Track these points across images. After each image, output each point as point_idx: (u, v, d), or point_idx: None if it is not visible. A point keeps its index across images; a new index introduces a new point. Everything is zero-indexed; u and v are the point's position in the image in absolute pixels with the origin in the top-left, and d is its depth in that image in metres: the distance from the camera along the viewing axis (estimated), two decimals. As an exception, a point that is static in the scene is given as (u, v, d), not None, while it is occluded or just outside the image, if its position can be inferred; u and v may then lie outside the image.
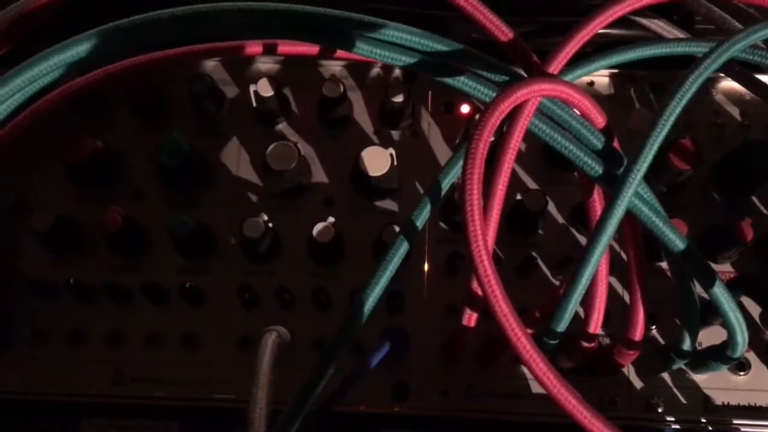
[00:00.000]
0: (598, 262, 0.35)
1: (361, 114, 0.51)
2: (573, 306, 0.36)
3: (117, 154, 0.49)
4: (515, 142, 0.35)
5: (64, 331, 0.45)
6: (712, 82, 0.51)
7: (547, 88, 0.34)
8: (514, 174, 0.41)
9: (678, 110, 0.34)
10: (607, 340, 0.45)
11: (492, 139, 0.34)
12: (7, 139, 0.41)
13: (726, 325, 0.38)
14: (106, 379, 0.44)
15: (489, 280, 0.32)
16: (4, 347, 0.45)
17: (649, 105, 0.50)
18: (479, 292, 0.38)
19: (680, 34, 0.45)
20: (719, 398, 0.44)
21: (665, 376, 0.45)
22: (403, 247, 0.38)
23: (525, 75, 0.39)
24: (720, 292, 0.36)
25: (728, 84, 0.50)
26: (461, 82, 0.38)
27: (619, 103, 0.50)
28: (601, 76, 0.50)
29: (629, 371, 0.45)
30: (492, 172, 0.36)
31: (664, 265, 0.46)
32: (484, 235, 0.32)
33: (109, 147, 0.48)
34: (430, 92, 0.51)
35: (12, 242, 0.47)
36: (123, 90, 0.49)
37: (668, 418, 0.44)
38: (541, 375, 0.31)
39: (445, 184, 0.40)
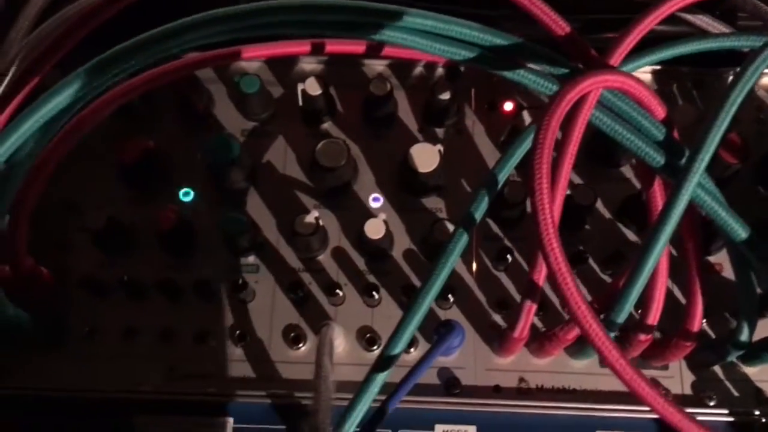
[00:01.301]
0: (661, 251, 0.35)
1: (405, 113, 0.51)
2: (635, 296, 0.36)
3: (166, 154, 0.49)
4: (578, 133, 0.35)
5: (117, 328, 0.45)
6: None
7: (611, 78, 0.34)
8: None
9: (740, 99, 0.35)
10: (658, 335, 0.45)
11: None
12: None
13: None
14: (160, 375, 0.44)
15: (560, 267, 0.32)
16: (60, 345, 0.45)
17: (691, 101, 0.50)
18: (539, 282, 0.38)
19: (726, 29, 0.46)
20: (772, 391, 0.44)
21: (716, 369, 0.45)
22: (463, 240, 0.39)
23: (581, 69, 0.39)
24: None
25: (770, 80, 0.51)
26: (522, 75, 0.38)
27: (663, 99, 0.50)
28: (644, 73, 0.51)
29: (680, 365, 0.45)
30: (555, 163, 0.36)
31: (711, 258, 0.47)
32: (554, 223, 0.32)
33: (159, 147, 0.48)
34: (473, 90, 0.51)
35: (63, 241, 0.47)
36: (171, 90, 0.49)
37: (721, 411, 0.44)
38: (613, 361, 0.31)
39: (501, 178, 0.41)
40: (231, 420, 0.44)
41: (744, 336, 0.40)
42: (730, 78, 0.39)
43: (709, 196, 0.35)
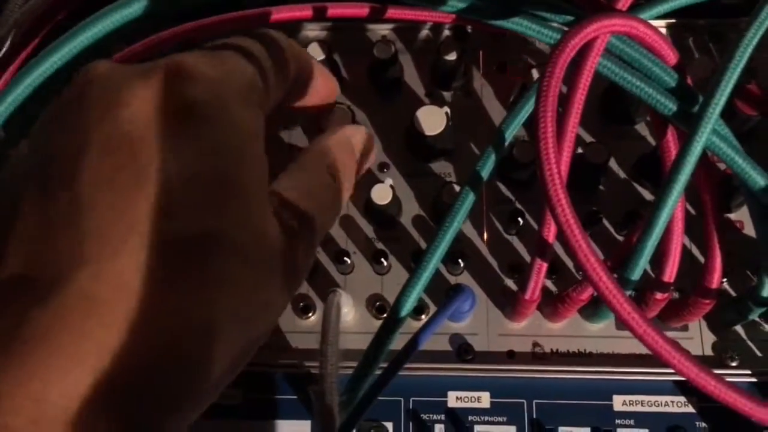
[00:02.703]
0: (675, 203, 0.34)
1: (411, 77, 0.50)
2: (649, 251, 0.35)
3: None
4: (585, 82, 0.34)
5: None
6: (773, 28, 0.49)
7: (618, 23, 0.33)
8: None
9: (756, 40, 0.33)
10: (676, 294, 0.43)
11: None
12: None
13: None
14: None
15: (568, 221, 0.31)
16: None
17: (708, 54, 0.48)
18: (550, 239, 0.37)
19: (742, -23, 0.44)
20: (797, 350, 0.43)
21: (738, 329, 0.43)
22: (469, 199, 0.38)
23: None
24: (803, 232, 0.35)
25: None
26: (522, 25, 0.36)
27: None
28: (657, 27, 0.49)
29: (700, 326, 0.44)
30: (562, 116, 0.35)
31: (732, 216, 0.45)
32: (560, 173, 0.31)
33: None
34: (481, 52, 0.50)
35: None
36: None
37: (743, 372, 0.42)
38: (626, 315, 0.30)
39: (509, 135, 0.40)
40: (240, 391, 0.43)
41: (766, 292, 0.38)
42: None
43: (725, 143, 0.34)
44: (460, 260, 0.44)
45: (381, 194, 0.44)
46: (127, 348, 0.22)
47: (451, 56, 0.46)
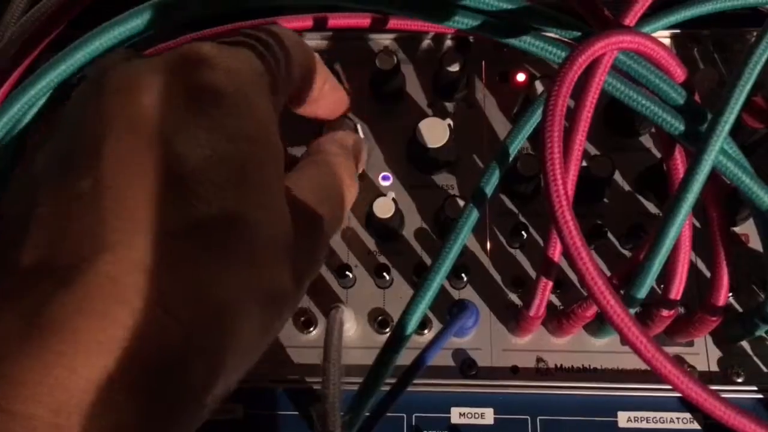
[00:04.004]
0: (683, 222, 0.33)
1: (413, 87, 0.49)
2: (656, 269, 0.34)
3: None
4: (592, 99, 0.34)
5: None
6: (779, 39, 0.48)
7: (626, 40, 0.32)
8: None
9: (765, 57, 0.32)
10: (682, 310, 0.43)
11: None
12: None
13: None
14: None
15: (573, 239, 0.30)
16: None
17: (713, 65, 0.48)
18: (556, 258, 0.37)
19: (748, -12, 0.43)
20: (803, 366, 0.42)
21: (744, 344, 0.43)
22: (473, 215, 0.37)
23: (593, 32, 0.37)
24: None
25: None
26: (528, 42, 0.36)
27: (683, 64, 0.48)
28: (663, 38, 0.48)
29: (706, 341, 0.43)
30: (568, 133, 0.34)
31: (737, 229, 0.45)
32: (567, 194, 0.30)
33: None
34: (483, 62, 0.50)
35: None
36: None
37: (749, 388, 0.42)
38: (630, 335, 0.30)
39: (513, 150, 0.39)
40: (240, 407, 0.43)
41: (772, 309, 0.38)
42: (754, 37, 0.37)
43: (733, 163, 0.33)
44: (463, 274, 0.44)
45: (383, 207, 0.43)
46: (149, 328, 0.22)
47: (454, 67, 0.46)
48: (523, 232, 0.44)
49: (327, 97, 0.38)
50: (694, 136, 0.34)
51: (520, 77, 0.49)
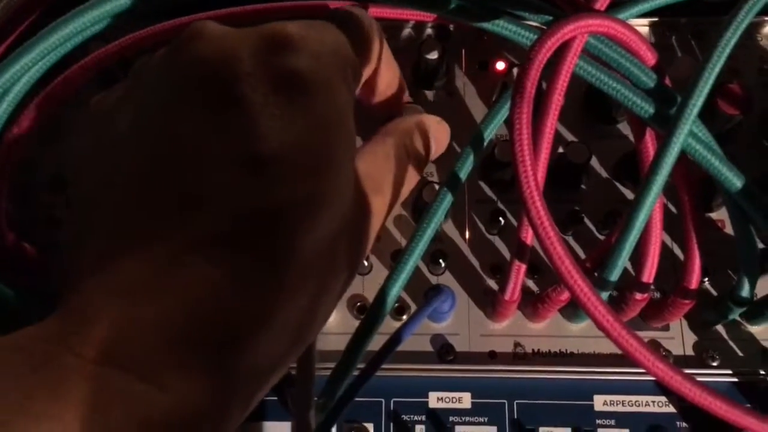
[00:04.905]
0: (653, 203, 0.34)
1: (393, 76, 0.49)
2: (627, 251, 0.35)
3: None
4: (562, 83, 0.34)
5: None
6: (756, 27, 0.49)
7: (595, 23, 0.33)
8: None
9: (734, 39, 0.33)
10: (657, 294, 0.43)
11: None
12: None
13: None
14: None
15: (542, 222, 0.30)
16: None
17: (691, 53, 0.48)
18: (528, 240, 0.37)
19: (724, -25, 0.43)
20: (778, 350, 0.43)
21: (719, 328, 0.43)
22: (447, 200, 0.37)
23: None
24: (781, 233, 0.35)
25: (773, 28, 0.48)
26: (501, 26, 0.36)
27: (661, 52, 0.48)
28: (640, 26, 0.49)
29: (681, 325, 0.44)
30: (539, 116, 0.35)
31: (713, 215, 0.45)
32: (535, 175, 0.30)
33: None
34: (463, 51, 0.50)
35: (51, 217, 0.47)
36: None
37: (724, 372, 0.42)
38: (600, 317, 0.30)
39: (488, 135, 0.39)
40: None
41: (744, 292, 0.38)
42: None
43: (702, 146, 0.34)
44: (441, 260, 0.44)
45: (362, 194, 0.43)
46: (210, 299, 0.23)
47: (433, 55, 0.46)
48: (501, 219, 0.45)
49: (383, 76, 0.38)
50: (664, 119, 0.34)
51: (500, 65, 0.49)
